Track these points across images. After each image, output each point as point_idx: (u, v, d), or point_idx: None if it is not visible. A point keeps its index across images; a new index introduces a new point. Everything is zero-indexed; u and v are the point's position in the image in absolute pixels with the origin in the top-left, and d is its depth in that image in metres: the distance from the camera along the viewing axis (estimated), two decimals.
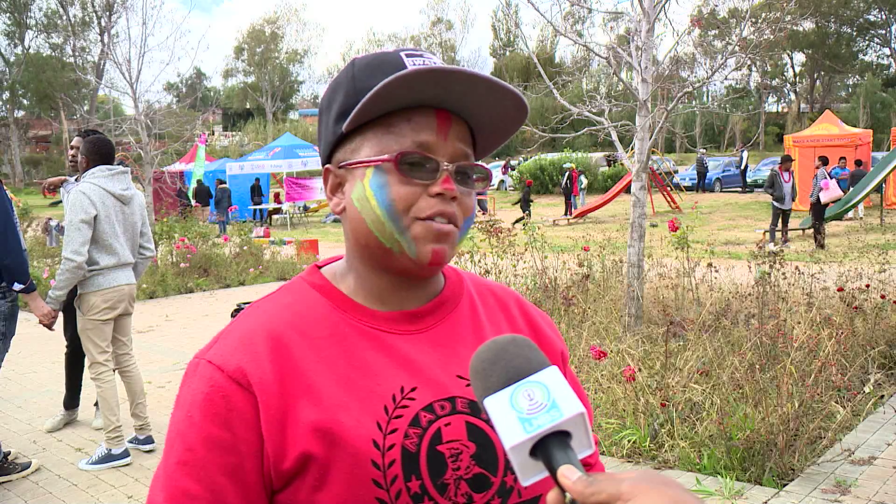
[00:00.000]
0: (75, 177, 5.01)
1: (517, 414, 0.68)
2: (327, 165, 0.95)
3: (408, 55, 0.90)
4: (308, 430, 0.81)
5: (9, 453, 4.44)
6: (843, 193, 15.82)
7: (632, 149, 6.50)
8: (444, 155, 0.88)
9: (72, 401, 5.24)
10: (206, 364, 0.86)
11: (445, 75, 0.83)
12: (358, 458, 0.82)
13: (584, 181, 23.58)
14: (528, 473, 0.68)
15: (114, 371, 4.68)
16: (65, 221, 4.33)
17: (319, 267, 0.99)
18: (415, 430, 0.85)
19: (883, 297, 6.11)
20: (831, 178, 15.58)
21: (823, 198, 14.60)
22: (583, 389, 1.10)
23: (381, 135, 0.88)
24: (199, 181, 23.73)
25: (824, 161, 15.50)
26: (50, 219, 4.88)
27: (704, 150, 31.44)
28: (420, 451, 0.84)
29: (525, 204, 22.58)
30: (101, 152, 4.45)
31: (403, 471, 0.83)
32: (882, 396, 5.12)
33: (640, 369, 4.75)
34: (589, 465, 1.09)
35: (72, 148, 4.86)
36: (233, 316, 6.64)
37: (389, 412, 0.85)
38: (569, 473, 0.65)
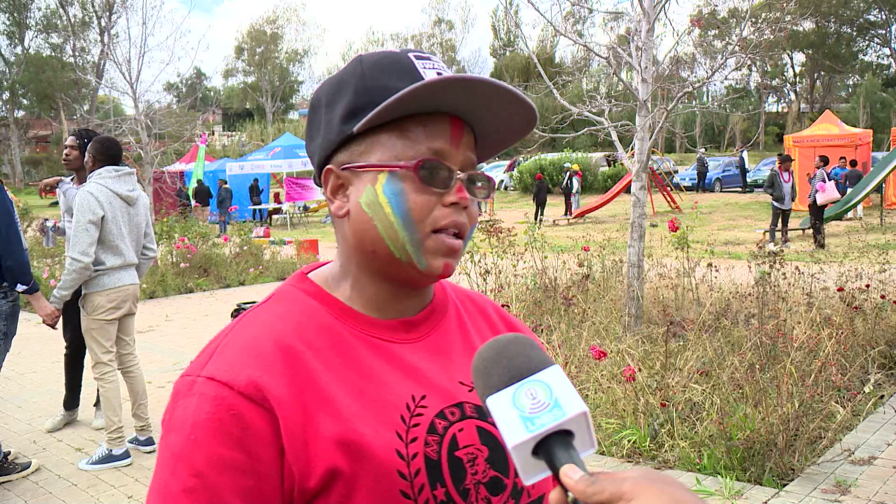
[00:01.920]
0: (71, 176, 5.01)
1: (519, 413, 0.68)
2: (329, 166, 0.90)
3: (417, 57, 0.89)
4: (332, 445, 0.78)
5: (9, 453, 4.45)
6: (840, 195, 15.81)
7: (632, 149, 6.50)
8: (456, 163, 0.87)
9: (72, 401, 5.24)
10: (205, 381, 0.79)
11: (473, 85, 0.83)
12: (384, 469, 0.79)
13: (576, 184, 23.55)
14: (531, 472, 0.68)
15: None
16: (71, 221, 4.32)
17: (306, 273, 0.95)
18: (433, 437, 0.84)
19: (883, 297, 6.11)
20: (831, 178, 15.57)
21: (820, 199, 14.61)
22: None
23: (394, 139, 0.86)
24: (199, 181, 23.73)
25: (825, 161, 15.48)
26: (46, 219, 4.87)
27: (704, 150, 31.42)
28: (441, 458, 0.83)
29: (541, 202, 22.34)
30: (109, 153, 4.44)
31: (429, 479, 0.81)
32: (882, 396, 5.12)
33: (640, 369, 4.75)
34: None
35: (66, 147, 4.85)
36: (233, 316, 6.62)
37: (407, 421, 0.83)
38: (571, 473, 0.65)
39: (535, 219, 21.27)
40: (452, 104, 0.86)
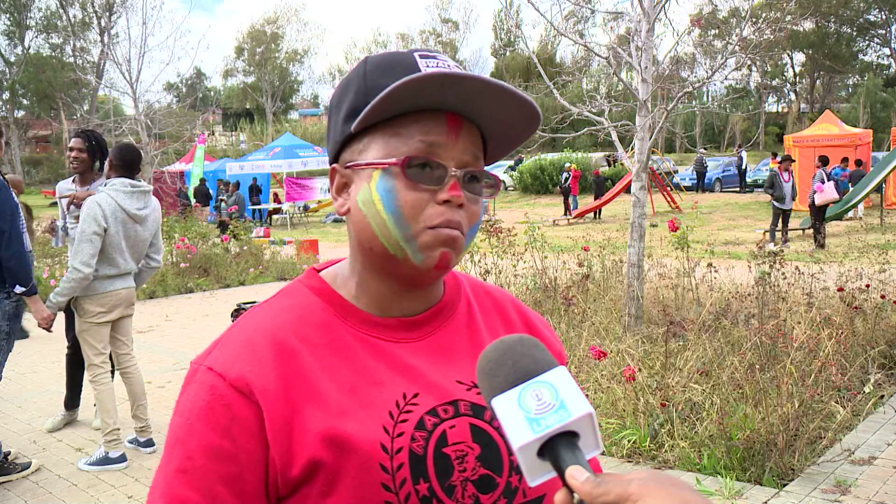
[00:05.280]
0: (72, 178, 4.96)
1: (525, 414, 0.68)
2: (334, 165, 0.92)
3: (422, 56, 0.89)
4: (316, 437, 0.81)
5: (9, 453, 4.44)
6: (839, 196, 15.80)
7: (632, 149, 6.50)
8: (452, 158, 0.86)
9: (72, 401, 5.24)
10: (206, 371, 0.84)
11: (458, 80, 0.82)
12: (367, 462, 0.81)
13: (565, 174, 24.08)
14: (536, 473, 0.68)
15: (113, 372, 4.68)
16: (77, 230, 4.29)
17: (318, 270, 0.97)
18: (421, 433, 0.85)
19: (883, 297, 6.11)
20: (830, 178, 15.57)
21: (818, 200, 14.61)
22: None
23: (389, 136, 0.86)
24: (203, 181, 23.71)
25: (824, 161, 15.48)
26: (55, 220, 4.88)
27: (704, 151, 31.45)
28: (427, 454, 0.84)
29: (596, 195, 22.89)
30: (125, 160, 4.42)
31: (412, 473, 0.82)
32: (882, 396, 5.12)
33: (640, 369, 4.75)
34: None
35: (72, 149, 4.80)
36: (233, 316, 6.63)
37: (395, 417, 0.85)
38: (577, 474, 0.65)
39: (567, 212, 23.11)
40: (444, 100, 0.85)
